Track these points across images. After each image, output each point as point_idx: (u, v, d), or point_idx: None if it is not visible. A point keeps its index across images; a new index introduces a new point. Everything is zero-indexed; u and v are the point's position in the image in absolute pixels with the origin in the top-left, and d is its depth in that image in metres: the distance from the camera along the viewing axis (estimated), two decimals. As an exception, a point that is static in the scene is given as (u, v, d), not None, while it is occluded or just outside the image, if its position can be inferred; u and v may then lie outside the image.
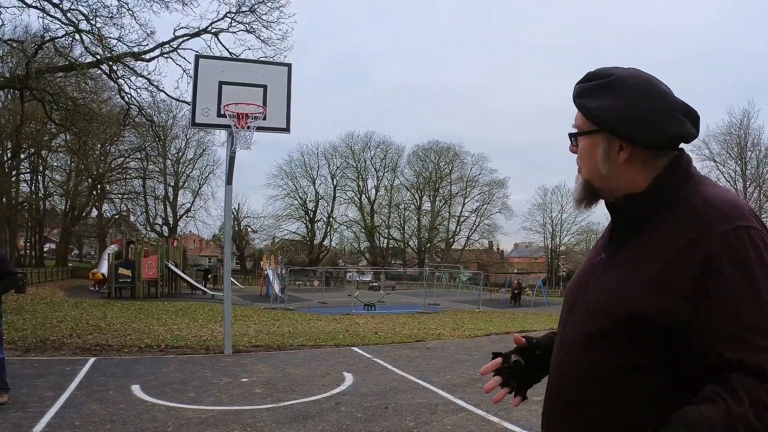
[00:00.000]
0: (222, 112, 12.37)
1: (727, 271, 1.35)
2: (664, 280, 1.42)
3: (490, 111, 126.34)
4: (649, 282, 1.45)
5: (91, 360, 11.42)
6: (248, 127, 12.20)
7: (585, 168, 1.65)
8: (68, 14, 21.32)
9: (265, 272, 39.54)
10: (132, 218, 68.93)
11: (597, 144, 1.59)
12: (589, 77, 1.63)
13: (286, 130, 13.10)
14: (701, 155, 50.04)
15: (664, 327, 1.41)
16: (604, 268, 1.63)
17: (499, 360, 1.85)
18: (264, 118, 12.53)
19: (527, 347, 1.87)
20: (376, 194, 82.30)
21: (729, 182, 49.96)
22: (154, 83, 24.57)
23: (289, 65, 13.57)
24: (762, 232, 1.41)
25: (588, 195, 1.68)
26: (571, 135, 1.68)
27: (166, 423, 7.14)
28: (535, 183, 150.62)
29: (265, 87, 12.83)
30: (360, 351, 13.67)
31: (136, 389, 8.93)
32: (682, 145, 1.59)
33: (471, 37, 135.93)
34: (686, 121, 1.55)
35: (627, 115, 1.53)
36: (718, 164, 50.39)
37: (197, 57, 13.31)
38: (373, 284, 54.95)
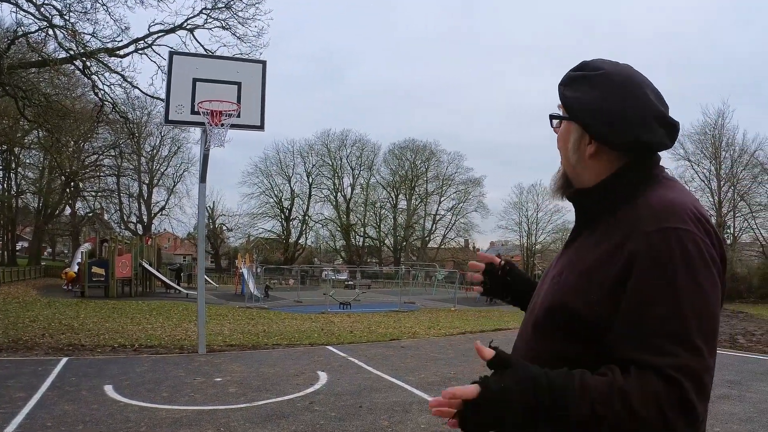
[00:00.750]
0: (196, 110, 12.27)
1: (646, 272, 1.35)
2: (592, 275, 1.45)
3: (467, 109, 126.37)
4: (581, 277, 1.48)
5: (64, 360, 11.32)
6: (222, 125, 12.11)
7: (561, 154, 1.67)
8: (42, 9, 21.07)
9: (240, 271, 39.36)
10: (106, 216, 68.19)
11: (571, 132, 1.61)
12: (581, 67, 1.65)
13: (261, 127, 13.02)
14: (676, 155, 50.73)
15: (590, 322, 1.42)
16: (556, 263, 1.69)
17: (496, 259, 2.12)
18: (238, 116, 12.44)
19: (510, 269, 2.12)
20: (351, 192, 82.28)
21: (704, 181, 50.71)
22: (128, 79, 24.37)
23: (263, 62, 13.48)
24: (697, 236, 1.37)
25: (564, 184, 1.69)
26: (551, 116, 1.69)
27: (139, 423, 7.09)
28: (511, 181, 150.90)
29: (239, 84, 12.75)
30: (335, 350, 13.66)
31: (108, 389, 8.87)
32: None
33: (450, 35, 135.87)
34: (659, 129, 1.53)
35: (599, 111, 1.53)
36: (693, 164, 51.01)
37: (171, 53, 13.22)
38: (349, 283, 54.80)
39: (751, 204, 48.79)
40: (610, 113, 1.52)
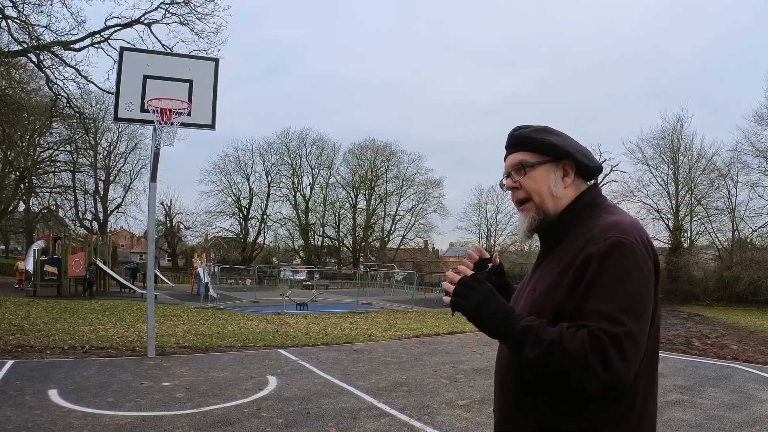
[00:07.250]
0: (146, 107, 12.04)
1: (594, 269, 1.83)
2: (560, 282, 1.92)
3: (424, 107, 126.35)
4: (551, 285, 1.96)
5: (10, 363, 11.00)
6: (172, 123, 11.88)
7: (536, 194, 2.11)
8: (-7, 0, 20.67)
9: (197, 270, 38.95)
10: (61, 213, 67.01)
11: (549, 171, 2.11)
12: (528, 126, 2.19)
13: (212, 126, 12.79)
14: (635, 159, 51.64)
15: (559, 315, 1.88)
16: (530, 278, 2.19)
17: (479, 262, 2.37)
18: (189, 114, 12.24)
19: (497, 269, 2.40)
20: (311, 192, 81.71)
21: (662, 185, 51.45)
22: (83, 74, 24.03)
23: (216, 60, 13.23)
24: (637, 247, 1.85)
25: (539, 220, 2.13)
26: (526, 165, 2.12)
27: (82, 430, 6.91)
28: (470, 181, 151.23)
29: (191, 82, 12.51)
30: (287, 353, 13.49)
31: (53, 394, 8.63)
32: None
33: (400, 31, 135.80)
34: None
35: (576, 149, 2.12)
36: (651, 168, 51.71)
37: (122, 49, 12.91)
38: (307, 283, 54.56)
39: (708, 208, 49.53)
40: (582, 150, 2.14)
